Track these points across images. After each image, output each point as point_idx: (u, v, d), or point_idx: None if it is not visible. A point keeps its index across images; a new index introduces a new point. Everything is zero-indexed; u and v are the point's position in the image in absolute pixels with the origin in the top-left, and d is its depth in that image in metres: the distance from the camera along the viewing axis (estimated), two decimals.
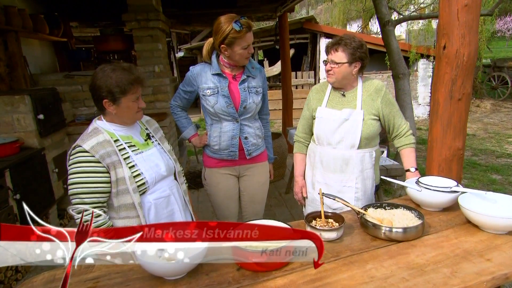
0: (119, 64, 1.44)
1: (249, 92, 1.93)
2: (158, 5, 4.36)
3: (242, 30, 1.74)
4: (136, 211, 1.42)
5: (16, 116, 3.07)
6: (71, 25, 5.61)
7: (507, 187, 4.52)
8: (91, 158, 1.37)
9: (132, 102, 1.43)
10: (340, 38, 1.81)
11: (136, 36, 4.15)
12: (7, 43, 3.77)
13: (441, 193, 1.59)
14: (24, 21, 3.95)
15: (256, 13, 5.82)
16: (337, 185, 1.92)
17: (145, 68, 4.21)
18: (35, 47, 4.54)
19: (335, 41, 1.81)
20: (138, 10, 4.05)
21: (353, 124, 1.84)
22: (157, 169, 1.51)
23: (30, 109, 3.07)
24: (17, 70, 3.82)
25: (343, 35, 1.84)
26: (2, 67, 3.66)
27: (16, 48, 3.85)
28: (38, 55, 4.61)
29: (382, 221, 1.46)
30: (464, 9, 1.62)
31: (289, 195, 4.32)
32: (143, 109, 1.51)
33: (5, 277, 2.59)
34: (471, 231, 1.42)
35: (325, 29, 9.85)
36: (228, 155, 2.00)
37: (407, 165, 1.94)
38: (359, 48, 1.79)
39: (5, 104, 3.02)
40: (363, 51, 1.81)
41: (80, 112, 4.09)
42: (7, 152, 2.86)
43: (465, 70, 1.69)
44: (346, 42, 1.77)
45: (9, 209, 2.66)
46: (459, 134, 1.79)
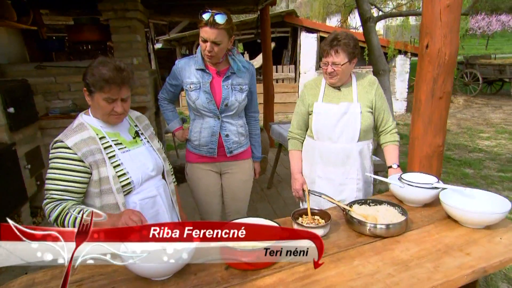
0: (113, 60, 1.37)
1: (232, 90, 1.91)
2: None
3: (203, 21, 1.71)
4: (120, 211, 1.38)
5: None
6: (41, 12, 5.35)
7: (479, 180, 4.74)
8: (72, 156, 1.33)
9: (103, 101, 1.36)
10: (336, 38, 1.80)
11: (113, 26, 4.01)
12: None
13: (423, 190, 1.65)
14: None
15: (238, 6, 5.76)
16: (339, 178, 1.96)
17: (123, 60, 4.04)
18: (1, 35, 4.31)
19: (333, 43, 1.80)
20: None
21: (352, 117, 1.88)
22: (144, 169, 1.47)
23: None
24: None
25: (337, 34, 1.84)
26: None
27: None
28: (4, 43, 4.38)
29: (367, 217, 1.50)
30: (446, 10, 1.67)
31: (271, 190, 4.35)
32: (120, 114, 1.41)
33: None
34: (451, 226, 1.48)
35: (306, 23, 9.89)
36: (207, 152, 1.99)
37: (389, 161, 2.00)
38: (356, 46, 1.83)
39: None
40: (358, 47, 1.86)
41: (54, 105, 3.93)
42: None
43: (447, 69, 1.75)
44: (345, 42, 1.79)
45: None
46: (440, 131, 1.85)
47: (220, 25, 1.71)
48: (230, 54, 1.90)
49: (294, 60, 10.23)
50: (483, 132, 7.49)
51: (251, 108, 2.10)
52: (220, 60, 1.88)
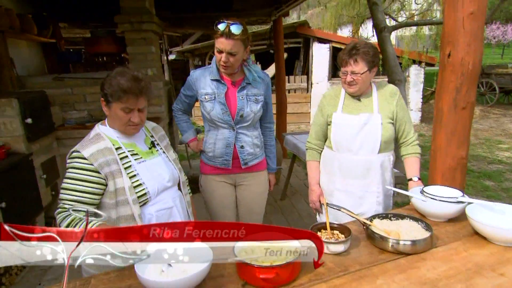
0: (131, 71, 1.37)
1: (248, 100, 1.88)
2: (151, 7, 4.29)
3: (218, 31, 1.70)
4: (135, 223, 1.35)
5: (2, 120, 2.96)
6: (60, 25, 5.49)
7: (500, 193, 4.57)
8: (88, 166, 1.32)
9: (121, 111, 1.35)
10: (355, 47, 1.77)
11: (128, 38, 4.06)
12: None
13: (447, 204, 1.57)
14: (11, 21, 3.84)
15: (251, 17, 5.80)
16: (358, 191, 1.91)
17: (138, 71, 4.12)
18: (22, 48, 4.42)
19: (351, 52, 1.77)
20: (132, 12, 3.98)
21: (373, 129, 1.84)
22: (160, 179, 1.45)
23: (18, 112, 2.96)
24: (3, 72, 3.71)
25: (356, 43, 1.81)
26: None
27: (3, 49, 3.74)
28: (25, 56, 4.49)
29: (389, 233, 1.43)
30: (470, 17, 1.61)
31: (285, 201, 4.28)
32: (137, 125, 1.41)
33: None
34: (479, 244, 1.40)
35: (318, 33, 9.90)
36: (222, 163, 1.95)
37: (410, 174, 1.93)
38: (376, 54, 1.80)
39: None
40: (378, 55, 1.82)
41: (70, 116, 3.98)
42: None
43: (470, 79, 1.68)
44: (364, 51, 1.76)
45: None
46: (463, 143, 1.78)
47: (235, 36, 1.69)
48: (245, 65, 1.88)
49: (307, 71, 10.21)
50: (502, 143, 7.27)
51: (266, 119, 2.06)
52: (236, 71, 1.86)
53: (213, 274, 1.25)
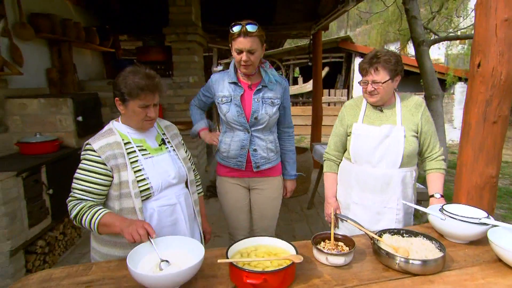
0: (143, 69, 1.38)
1: (263, 103, 1.81)
2: (197, 20, 4.42)
3: (235, 32, 1.67)
4: (136, 216, 1.33)
5: (59, 117, 3.18)
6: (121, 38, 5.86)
7: None
8: (97, 158, 1.33)
9: (138, 108, 1.36)
10: (376, 56, 1.63)
11: (174, 48, 4.22)
12: (61, 52, 3.98)
13: (468, 224, 1.37)
14: (78, 32, 4.16)
15: (291, 31, 5.75)
16: (376, 206, 1.74)
17: (181, 78, 4.26)
18: (86, 56, 4.76)
19: (372, 60, 1.63)
20: (178, 24, 4.13)
21: (395, 141, 1.67)
22: (165, 176, 1.42)
23: (71, 111, 3.17)
24: (67, 76, 4.01)
25: (376, 52, 1.67)
26: (55, 73, 3.85)
27: (68, 56, 4.05)
28: (88, 63, 4.83)
29: (397, 249, 1.27)
30: (504, 24, 1.41)
31: (311, 211, 4.11)
32: (153, 119, 1.42)
33: (33, 266, 2.62)
34: (502, 272, 1.19)
35: (360, 48, 9.59)
36: (235, 164, 1.89)
37: (432, 190, 1.73)
38: (398, 62, 1.64)
39: (50, 106, 3.15)
40: (401, 64, 1.66)
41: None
42: (47, 150, 2.95)
43: (503, 91, 1.47)
44: (385, 59, 1.61)
45: (42, 203, 2.72)
46: (493, 160, 1.55)
47: (253, 33, 1.66)
48: (262, 67, 1.83)
49: (347, 85, 9.91)
50: None
51: (284, 124, 1.97)
52: (253, 73, 1.81)
53: (206, 273, 1.19)
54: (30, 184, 2.57)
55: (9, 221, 2.37)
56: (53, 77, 3.81)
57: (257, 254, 1.23)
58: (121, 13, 5.31)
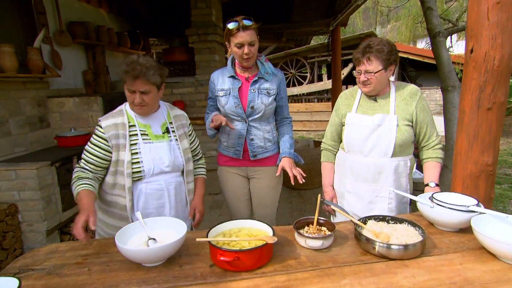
0: (135, 57, 1.40)
1: (259, 93, 1.81)
2: (218, 21, 4.48)
3: (233, 28, 1.68)
4: (125, 193, 1.43)
5: (90, 114, 3.38)
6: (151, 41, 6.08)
7: None
8: (102, 135, 1.43)
9: (127, 91, 1.42)
10: (369, 45, 1.57)
11: (196, 48, 4.32)
12: (95, 55, 4.22)
13: (455, 212, 1.29)
14: (110, 37, 4.39)
15: (310, 28, 5.64)
16: (368, 195, 1.70)
17: (202, 76, 4.36)
18: (118, 58, 4.99)
19: (365, 50, 1.58)
20: (199, 25, 4.22)
21: (387, 130, 1.61)
22: (159, 163, 1.47)
23: (101, 108, 3.36)
24: (100, 77, 4.24)
25: (370, 41, 1.60)
26: (90, 74, 4.09)
27: (101, 59, 4.28)
28: (119, 65, 5.06)
29: (378, 235, 1.23)
30: (496, 7, 1.31)
31: None
32: (139, 106, 1.42)
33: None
34: (483, 259, 1.12)
35: None
36: (234, 153, 1.91)
37: (427, 179, 1.65)
38: (392, 51, 1.57)
39: (83, 104, 3.36)
40: (395, 53, 1.59)
41: None
42: (79, 143, 3.16)
43: (497, 76, 1.36)
44: (378, 48, 1.55)
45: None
46: (488, 148, 1.45)
47: (250, 27, 1.69)
48: (259, 59, 1.85)
49: None
50: None
51: (282, 115, 1.96)
52: (252, 64, 1.82)
53: (191, 251, 1.23)
54: (63, 172, 2.76)
55: (44, 205, 2.57)
56: (89, 78, 4.05)
57: (239, 235, 1.25)
58: (150, 18, 5.51)
